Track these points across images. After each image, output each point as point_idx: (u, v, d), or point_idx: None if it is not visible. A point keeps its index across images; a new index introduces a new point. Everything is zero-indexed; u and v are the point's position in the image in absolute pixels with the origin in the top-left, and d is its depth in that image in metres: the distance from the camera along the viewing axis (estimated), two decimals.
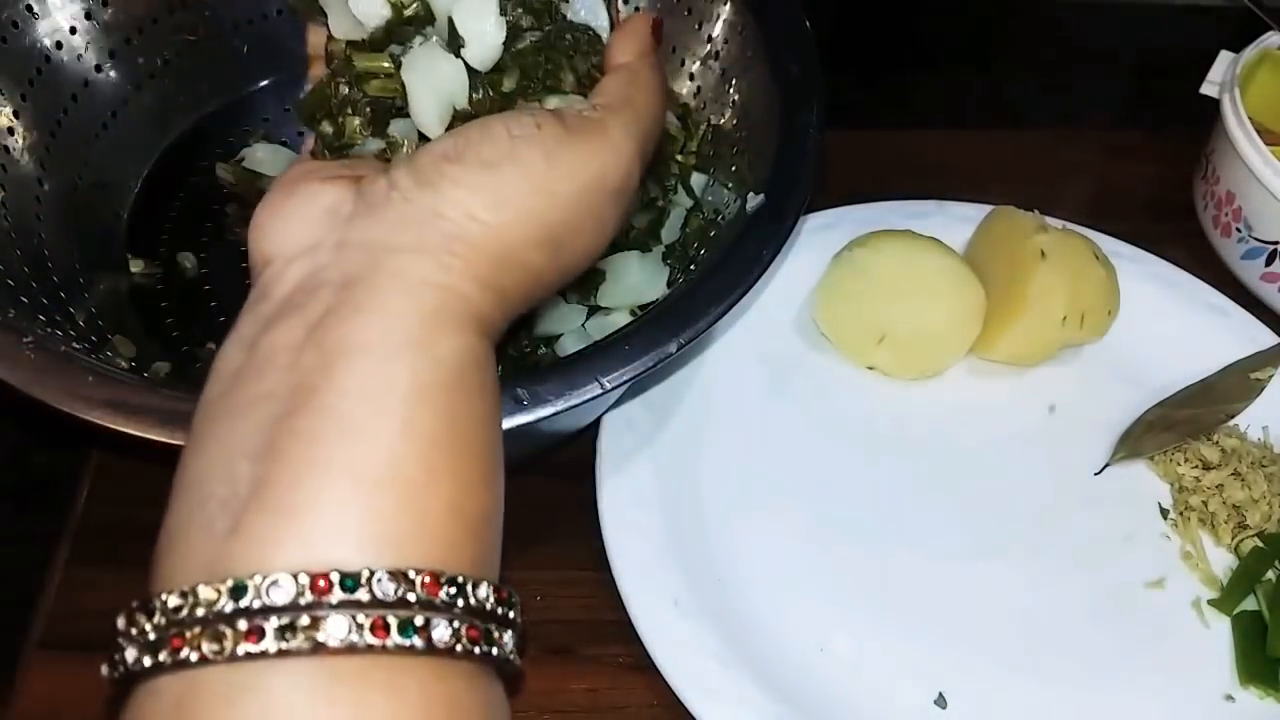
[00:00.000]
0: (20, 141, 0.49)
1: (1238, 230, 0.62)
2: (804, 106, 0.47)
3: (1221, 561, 0.51)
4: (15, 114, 0.49)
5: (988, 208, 0.59)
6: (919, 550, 0.50)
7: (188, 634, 0.22)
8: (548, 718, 0.45)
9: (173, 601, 0.23)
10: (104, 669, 0.23)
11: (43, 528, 0.50)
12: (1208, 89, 0.65)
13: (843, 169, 0.62)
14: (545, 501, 0.51)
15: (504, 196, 0.29)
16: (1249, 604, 0.49)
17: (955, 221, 0.60)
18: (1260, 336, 0.58)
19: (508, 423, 0.37)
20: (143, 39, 0.55)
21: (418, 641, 0.23)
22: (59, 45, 0.52)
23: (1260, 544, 0.51)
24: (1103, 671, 0.47)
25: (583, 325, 0.51)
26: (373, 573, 0.23)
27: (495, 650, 0.24)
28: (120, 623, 0.23)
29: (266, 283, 0.28)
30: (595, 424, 0.51)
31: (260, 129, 0.59)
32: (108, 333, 0.48)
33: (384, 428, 0.24)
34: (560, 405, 0.38)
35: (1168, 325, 0.59)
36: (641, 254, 0.51)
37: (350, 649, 0.22)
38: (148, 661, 0.22)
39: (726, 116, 0.54)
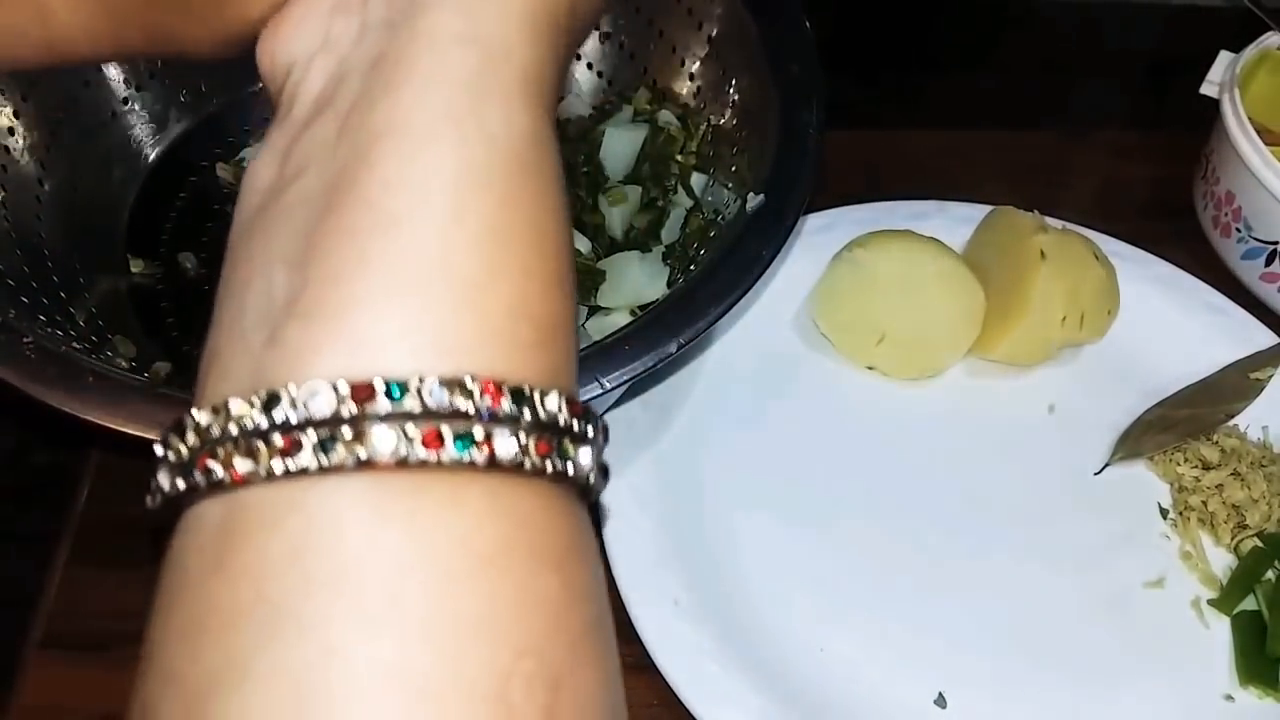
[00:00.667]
0: (20, 141, 0.49)
1: (1238, 230, 0.62)
2: (804, 106, 0.47)
3: (1221, 561, 0.51)
4: (15, 114, 0.49)
5: (988, 208, 0.59)
6: (919, 550, 0.50)
7: (220, 451, 0.20)
8: None
9: (204, 419, 0.21)
10: (148, 500, 0.21)
11: (43, 528, 0.50)
12: (1208, 89, 0.65)
13: (843, 169, 0.62)
14: None
15: None
16: (1248, 604, 0.49)
17: (955, 221, 0.60)
18: (1260, 336, 0.58)
19: None
20: None
21: (477, 455, 0.20)
22: None
23: (1260, 544, 0.51)
24: (1102, 671, 0.47)
25: (583, 325, 0.51)
26: (423, 380, 0.20)
27: (571, 467, 0.21)
28: (157, 449, 0.21)
29: (291, 90, 0.25)
30: None
31: (260, 129, 0.59)
32: (108, 333, 0.48)
33: (429, 216, 0.21)
34: None
35: (1168, 325, 0.59)
36: (641, 254, 0.51)
37: (401, 464, 0.20)
38: (181, 485, 0.20)
39: (726, 116, 0.54)
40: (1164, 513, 0.53)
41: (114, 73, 0.54)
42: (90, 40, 0.28)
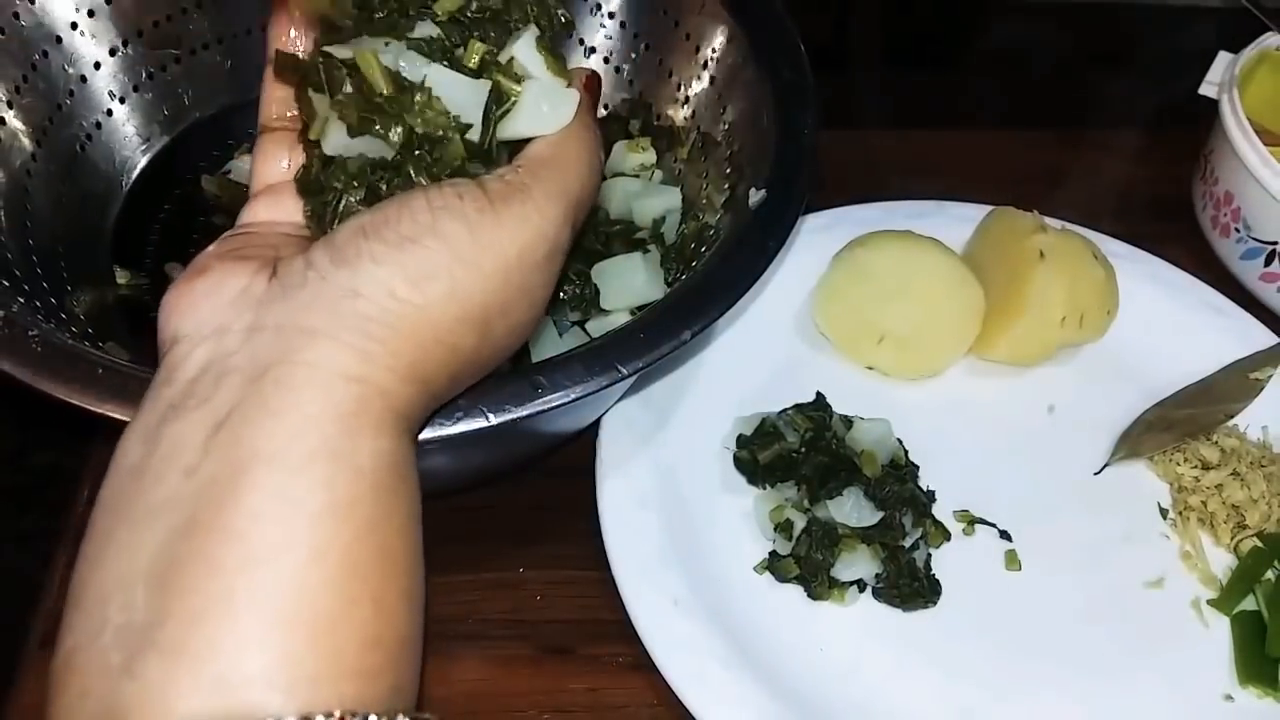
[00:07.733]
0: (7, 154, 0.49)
1: (1236, 230, 0.62)
2: (798, 108, 0.48)
3: (1221, 561, 0.51)
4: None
5: (988, 208, 0.60)
6: None
7: None
8: (548, 717, 0.45)
9: None
10: None
11: (43, 528, 0.50)
12: (1207, 89, 0.65)
13: (843, 169, 0.62)
14: (545, 501, 0.52)
15: (426, 272, 0.27)
16: (1248, 604, 0.49)
17: (955, 221, 0.60)
18: (1259, 336, 0.58)
19: (527, 410, 0.37)
20: (126, 53, 0.54)
21: None
22: (44, 55, 0.51)
23: (1259, 544, 0.51)
24: (1102, 671, 0.47)
25: (583, 326, 0.51)
26: (280, 719, 0.22)
27: None
28: None
29: (171, 365, 0.27)
30: (595, 424, 0.51)
31: (245, 143, 0.57)
32: (99, 341, 0.48)
33: (293, 555, 0.23)
34: (579, 391, 0.38)
35: (1167, 325, 0.59)
36: (643, 254, 0.51)
37: None
38: None
39: (720, 125, 0.54)
40: (1164, 513, 0.53)
41: (98, 86, 0.54)
42: None
